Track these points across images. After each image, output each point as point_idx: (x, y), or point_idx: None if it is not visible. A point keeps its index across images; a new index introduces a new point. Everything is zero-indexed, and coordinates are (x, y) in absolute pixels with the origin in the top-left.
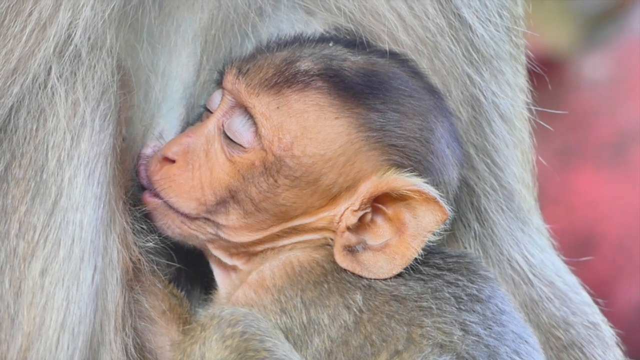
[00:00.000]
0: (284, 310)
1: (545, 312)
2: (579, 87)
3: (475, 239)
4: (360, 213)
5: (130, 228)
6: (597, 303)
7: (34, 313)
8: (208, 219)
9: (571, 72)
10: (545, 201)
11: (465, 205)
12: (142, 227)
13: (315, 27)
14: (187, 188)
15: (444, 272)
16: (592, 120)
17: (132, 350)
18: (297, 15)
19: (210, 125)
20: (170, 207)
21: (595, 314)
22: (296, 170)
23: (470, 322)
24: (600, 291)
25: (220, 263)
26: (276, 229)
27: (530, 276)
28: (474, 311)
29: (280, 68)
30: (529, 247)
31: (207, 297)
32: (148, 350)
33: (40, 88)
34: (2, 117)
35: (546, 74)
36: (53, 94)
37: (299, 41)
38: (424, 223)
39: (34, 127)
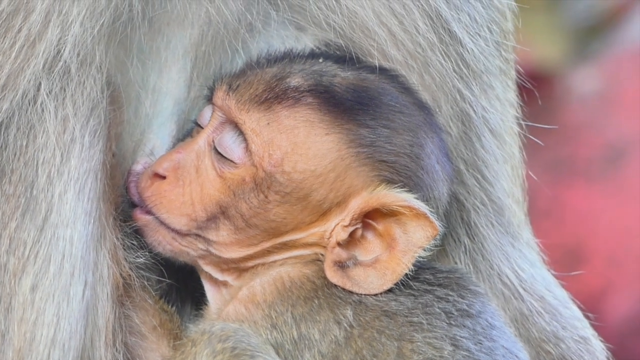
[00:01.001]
0: (275, 326)
1: (536, 326)
2: (569, 101)
3: (466, 253)
4: (351, 229)
5: (121, 244)
6: (587, 317)
7: (25, 329)
8: (199, 235)
9: (561, 87)
10: (536, 215)
11: (456, 220)
12: (132, 243)
13: (306, 42)
14: (178, 204)
15: (434, 288)
16: (583, 134)
17: None
18: (287, 31)
19: (201, 141)
20: (162, 223)
21: (585, 328)
22: (287, 186)
23: (460, 337)
24: (591, 305)
25: (211, 279)
26: (267, 245)
27: (521, 291)
28: (464, 326)
29: (271, 84)
30: (519, 261)
31: (198, 312)
32: None
33: (29, 104)
34: None
35: (536, 88)
36: (43, 110)
37: (288, 57)
38: (415, 239)
39: (24, 143)
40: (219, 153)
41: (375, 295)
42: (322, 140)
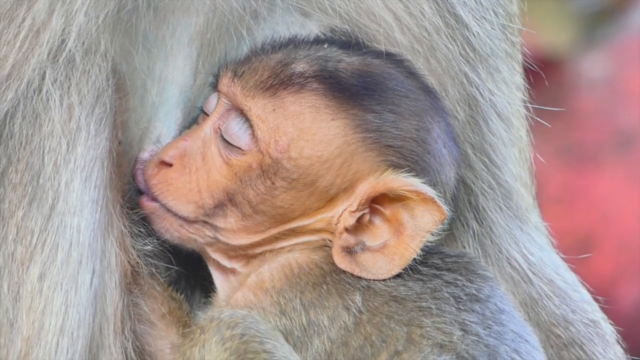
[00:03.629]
0: (284, 312)
1: (545, 310)
2: (578, 87)
3: (474, 238)
4: (358, 214)
5: (128, 231)
6: (597, 301)
7: (33, 317)
8: (206, 222)
9: (570, 72)
10: (547, 201)
11: (464, 204)
12: (140, 231)
13: (311, 28)
14: (184, 191)
15: (442, 272)
16: (592, 119)
17: (132, 353)
18: (292, 17)
19: (207, 128)
20: (168, 210)
21: (595, 311)
22: (293, 172)
23: (469, 321)
24: (602, 289)
25: (219, 266)
26: (274, 231)
27: (530, 274)
28: (473, 311)
29: (275, 70)
30: (527, 245)
31: (207, 300)
32: (148, 354)
33: (34, 93)
34: None
35: (545, 73)
36: (48, 99)
37: (293, 43)
38: (422, 223)
39: (30, 132)
40: (226, 140)
41: (384, 280)
42: (328, 126)
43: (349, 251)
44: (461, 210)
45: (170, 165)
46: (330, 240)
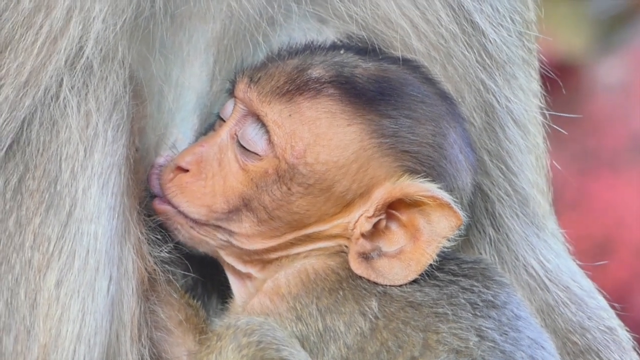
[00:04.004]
0: (300, 318)
1: (562, 317)
2: (594, 92)
3: (491, 244)
4: (375, 220)
5: (145, 238)
6: (613, 307)
7: (50, 324)
8: (219, 226)
9: (586, 77)
10: (563, 207)
11: (480, 211)
12: (157, 237)
13: (328, 35)
14: (198, 195)
15: (459, 278)
16: (608, 124)
17: None
18: (308, 23)
19: (223, 134)
20: (180, 212)
21: (611, 318)
22: (309, 177)
23: (486, 327)
24: (618, 296)
25: (235, 271)
26: (290, 237)
27: (546, 281)
28: (489, 317)
29: (292, 76)
30: (544, 252)
31: (223, 306)
32: None
33: (52, 100)
34: (15, 130)
35: (561, 79)
36: (65, 105)
37: (310, 49)
38: (439, 229)
39: (47, 139)
40: (242, 146)
41: (400, 286)
42: (344, 131)
43: (365, 257)
44: (478, 217)
45: (187, 170)
46: (346, 246)
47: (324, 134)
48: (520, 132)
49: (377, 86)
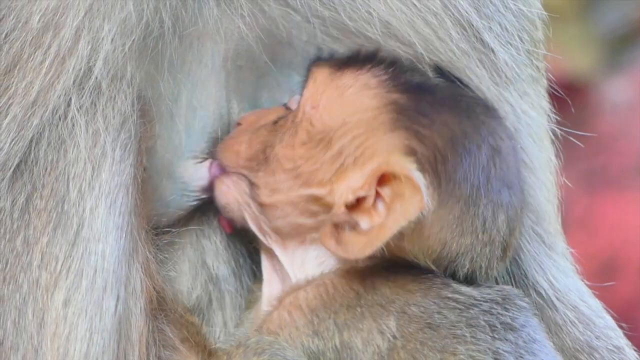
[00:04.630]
0: (317, 333)
1: (570, 336)
2: (602, 111)
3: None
4: (362, 193)
5: (154, 257)
6: (621, 327)
7: (58, 344)
8: (243, 175)
9: (594, 96)
10: (570, 225)
11: None
12: (165, 257)
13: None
14: (233, 143)
15: (479, 302)
16: (616, 143)
17: None
18: (320, 42)
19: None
20: (217, 163)
21: (619, 337)
22: (315, 127)
23: (503, 350)
24: (626, 315)
25: (268, 256)
26: (293, 195)
27: (555, 301)
28: (506, 340)
29: (356, 55)
30: (553, 271)
31: (226, 325)
32: None
33: (60, 119)
34: (23, 149)
35: (569, 98)
36: (73, 125)
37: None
38: (406, 210)
39: (55, 158)
40: (286, 106)
41: (419, 306)
42: (367, 102)
43: (336, 227)
44: None
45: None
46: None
47: (347, 97)
48: (536, 147)
49: (425, 83)
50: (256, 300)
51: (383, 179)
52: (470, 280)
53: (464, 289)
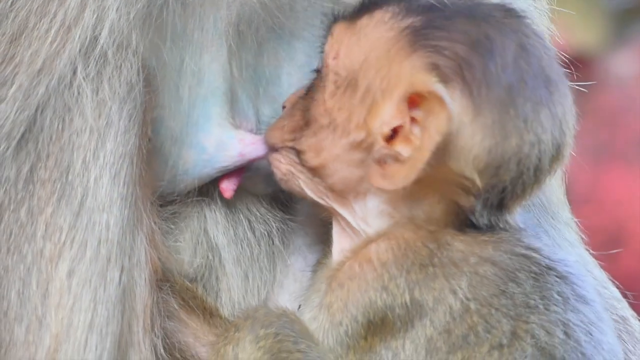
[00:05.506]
0: (386, 288)
1: None
2: (608, 85)
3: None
4: (396, 122)
5: (159, 228)
6: (625, 296)
7: (62, 314)
8: (290, 148)
9: (600, 70)
10: (575, 199)
11: None
12: (170, 227)
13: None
14: (277, 122)
15: (555, 264)
16: (622, 117)
17: (162, 350)
18: (325, 8)
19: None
20: (267, 146)
21: (624, 308)
22: (340, 75)
23: (573, 324)
24: (631, 288)
25: (335, 219)
26: (337, 148)
27: None
28: (579, 311)
29: (368, 2)
30: (558, 241)
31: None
32: (178, 351)
33: (66, 88)
34: (28, 118)
35: (575, 71)
36: (79, 93)
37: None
38: (437, 124)
39: (60, 128)
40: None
41: (492, 264)
42: (384, 35)
43: (381, 163)
44: None
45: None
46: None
47: (364, 37)
48: None
49: (439, 2)
50: (326, 263)
51: (413, 102)
52: (519, 193)
53: (537, 244)
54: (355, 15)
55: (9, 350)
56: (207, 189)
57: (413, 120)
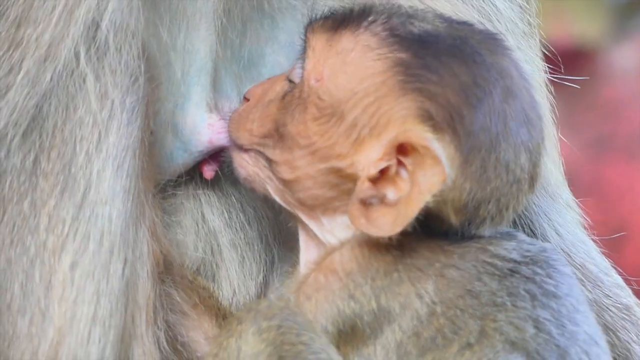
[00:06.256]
0: (352, 297)
1: None
2: (610, 78)
3: None
4: (383, 164)
5: (161, 221)
6: (628, 283)
7: (65, 307)
8: (260, 152)
9: (602, 63)
10: (578, 193)
11: None
12: (172, 220)
13: (332, 3)
14: (244, 121)
15: (520, 267)
16: (624, 110)
17: (165, 343)
18: None
19: (289, 70)
20: (232, 141)
21: (628, 296)
22: (324, 100)
23: (543, 319)
24: (633, 281)
25: (301, 226)
26: (313, 169)
27: (562, 253)
28: (549, 307)
29: (349, 13)
30: (560, 221)
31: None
32: (181, 344)
33: (69, 75)
34: (35, 106)
35: (577, 63)
36: (83, 79)
37: (384, 3)
38: (429, 182)
39: (63, 118)
40: (289, 79)
41: (458, 268)
42: (372, 65)
43: (364, 203)
44: None
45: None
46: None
47: (350, 63)
48: None
49: (425, 34)
50: (294, 271)
51: (402, 148)
52: (496, 221)
53: (503, 251)
54: (336, 26)
55: (12, 343)
56: (197, 174)
57: (400, 163)
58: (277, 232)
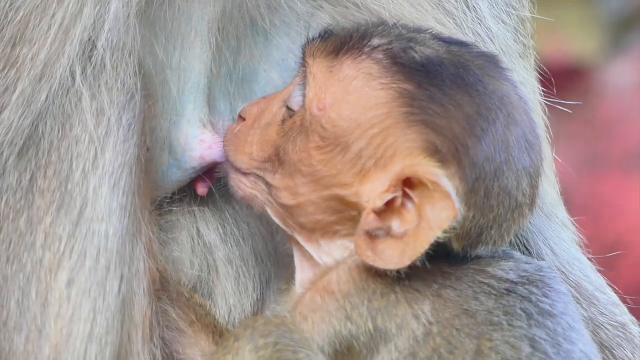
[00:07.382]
0: (349, 318)
1: None
2: (605, 95)
3: None
4: (389, 196)
5: (157, 238)
6: (624, 302)
7: (61, 324)
8: (260, 177)
9: (597, 80)
10: (573, 210)
11: None
12: (168, 237)
13: (324, 17)
14: (243, 144)
15: (517, 287)
16: (619, 127)
17: None
18: (305, 8)
19: (285, 91)
20: (229, 162)
21: (623, 314)
22: (328, 130)
23: (539, 338)
24: (629, 299)
25: (298, 247)
26: (316, 196)
27: (558, 272)
28: (545, 326)
29: (349, 38)
30: (556, 240)
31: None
32: None
33: (65, 94)
34: (30, 125)
35: (572, 80)
36: (79, 98)
37: (384, 24)
38: (439, 218)
39: (59, 136)
40: (288, 105)
41: (455, 289)
42: (375, 95)
43: (370, 235)
44: None
45: (244, 120)
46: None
47: (353, 92)
48: None
49: (428, 62)
50: (289, 289)
51: (409, 181)
52: (498, 244)
53: (500, 273)
54: (337, 51)
55: None
56: (192, 191)
57: (406, 195)
58: (272, 249)
